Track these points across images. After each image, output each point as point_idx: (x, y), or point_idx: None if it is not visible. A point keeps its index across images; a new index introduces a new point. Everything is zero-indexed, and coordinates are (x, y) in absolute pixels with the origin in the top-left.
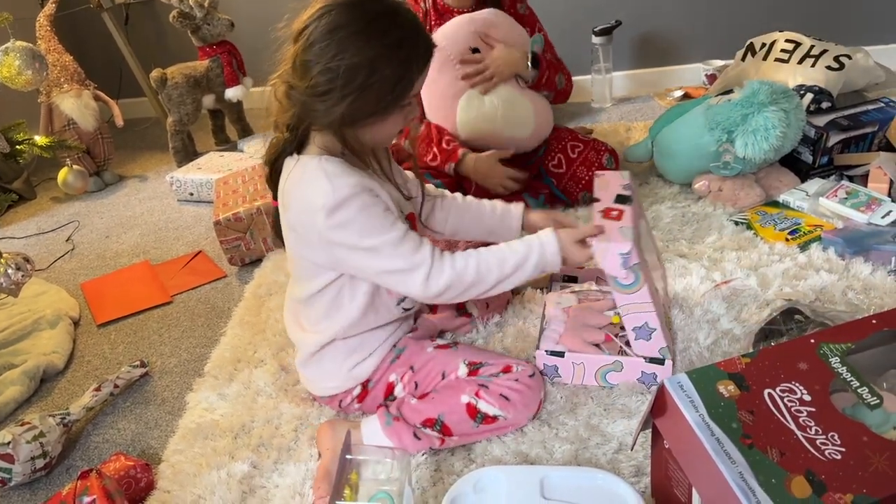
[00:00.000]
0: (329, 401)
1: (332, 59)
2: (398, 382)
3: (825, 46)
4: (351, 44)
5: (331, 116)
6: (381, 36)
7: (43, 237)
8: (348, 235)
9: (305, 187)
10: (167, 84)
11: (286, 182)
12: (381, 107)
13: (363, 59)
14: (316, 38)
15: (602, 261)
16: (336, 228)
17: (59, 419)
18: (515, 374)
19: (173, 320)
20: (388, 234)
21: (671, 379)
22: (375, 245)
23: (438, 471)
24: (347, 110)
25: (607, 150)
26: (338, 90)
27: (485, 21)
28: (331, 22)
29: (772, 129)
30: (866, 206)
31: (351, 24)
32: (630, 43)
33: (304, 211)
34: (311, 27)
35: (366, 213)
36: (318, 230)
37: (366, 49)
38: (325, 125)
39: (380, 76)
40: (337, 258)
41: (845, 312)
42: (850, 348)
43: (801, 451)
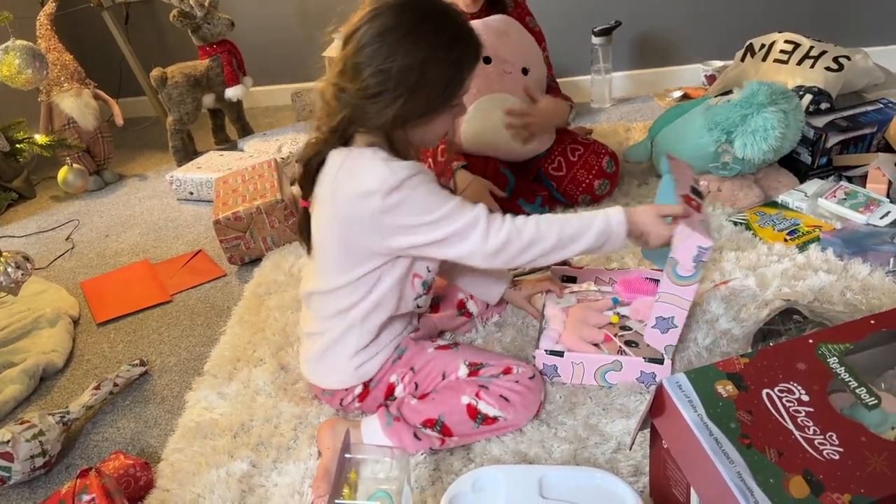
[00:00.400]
0: (330, 398)
1: (384, 62)
2: (399, 383)
3: (824, 47)
4: (402, 46)
5: (382, 118)
6: (432, 37)
7: (43, 236)
8: (406, 214)
9: (360, 174)
10: (167, 83)
11: (337, 172)
12: (431, 107)
13: (414, 61)
14: (367, 40)
15: (678, 245)
16: (392, 209)
17: (59, 418)
18: (516, 375)
19: (173, 319)
20: (448, 203)
21: (670, 379)
22: (436, 217)
23: (437, 470)
24: (399, 112)
25: (608, 152)
26: (389, 92)
27: (497, 29)
28: (381, 24)
29: (771, 130)
30: (865, 206)
31: (401, 26)
32: (630, 43)
33: (356, 197)
34: (362, 30)
35: (424, 189)
36: (371, 213)
37: (416, 51)
38: (375, 127)
39: (431, 77)
40: (389, 240)
41: (843, 313)
42: (849, 349)
43: (800, 451)
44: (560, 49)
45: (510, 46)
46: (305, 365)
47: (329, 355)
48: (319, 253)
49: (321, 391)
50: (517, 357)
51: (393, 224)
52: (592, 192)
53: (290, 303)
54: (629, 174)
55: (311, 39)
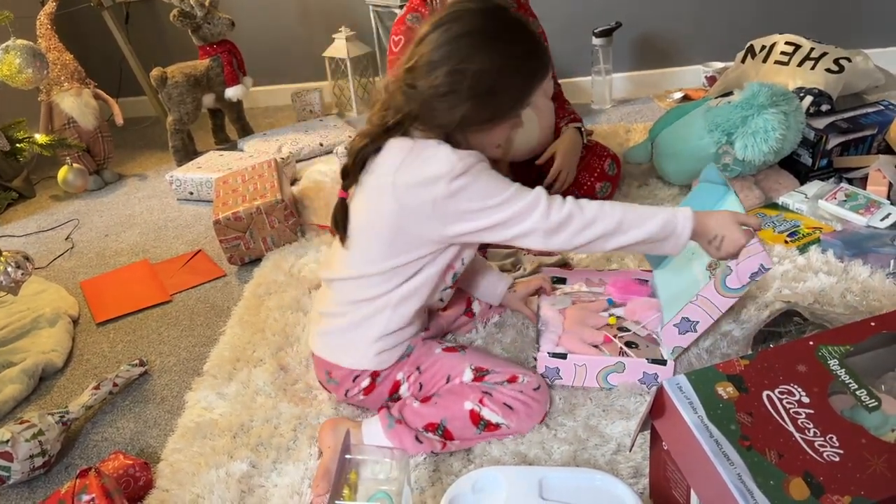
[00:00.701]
0: (336, 387)
1: (460, 63)
2: (404, 381)
3: (825, 49)
4: (480, 50)
5: (448, 118)
6: (511, 47)
7: (42, 235)
8: (470, 199)
9: (427, 160)
10: (167, 83)
11: (403, 159)
12: (496, 115)
13: (491, 67)
14: (445, 40)
15: (742, 257)
16: (456, 193)
17: (58, 417)
18: (521, 385)
19: (172, 319)
20: (510, 187)
21: (670, 380)
22: (499, 200)
23: (437, 471)
24: (467, 114)
25: (609, 155)
26: (461, 93)
27: None
28: (463, 26)
29: (771, 132)
30: (865, 208)
31: (482, 32)
32: (630, 44)
33: (421, 183)
34: (440, 30)
35: (486, 175)
36: (435, 199)
37: (495, 57)
38: (438, 126)
39: (504, 85)
40: (449, 227)
41: (844, 315)
42: (849, 350)
43: (800, 453)
44: (561, 50)
45: None
46: (319, 339)
47: (351, 334)
48: (360, 240)
49: (327, 378)
50: (523, 365)
51: (456, 210)
52: (594, 194)
53: (290, 303)
54: (629, 175)
55: (311, 40)
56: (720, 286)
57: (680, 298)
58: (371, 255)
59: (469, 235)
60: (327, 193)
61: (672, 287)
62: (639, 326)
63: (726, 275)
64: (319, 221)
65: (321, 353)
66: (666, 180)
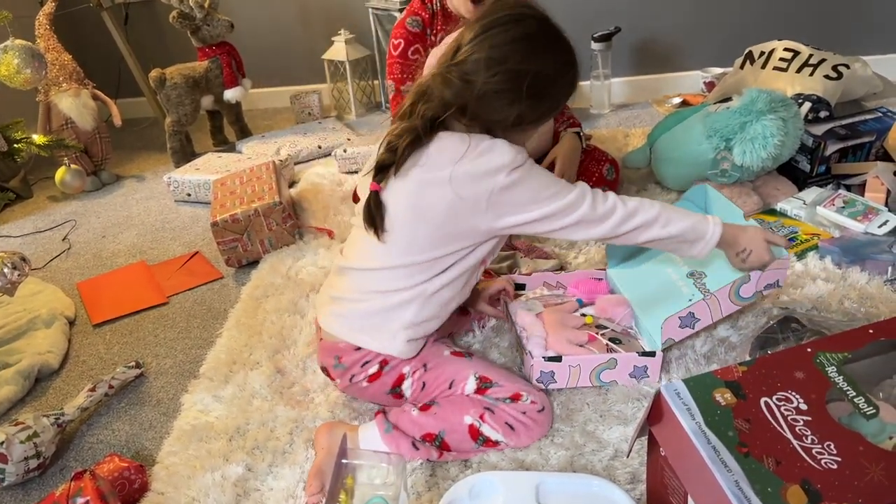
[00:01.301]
0: (343, 372)
1: (521, 63)
2: (409, 376)
3: (823, 55)
4: (540, 53)
5: (506, 114)
6: (562, 54)
7: (39, 236)
8: (524, 191)
9: (489, 152)
10: (166, 84)
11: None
12: (542, 116)
13: (548, 70)
14: (505, 40)
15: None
16: (513, 185)
17: (54, 419)
18: (524, 405)
19: (169, 321)
20: (558, 182)
21: (668, 386)
22: (550, 193)
23: (433, 476)
24: (521, 112)
25: (608, 159)
26: (516, 92)
27: None
28: (524, 29)
29: (770, 138)
30: (863, 215)
31: (542, 36)
32: (629, 49)
33: (482, 174)
34: (498, 29)
35: (537, 170)
36: (492, 191)
37: (551, 62)
38: (491, 121)
39: (554, 89)
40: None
41: (842, 321)
42: (847, 358)
43: (798, 461)
44: None
45: None
46: (336, 320)
47: (378, 318)
48: (403, 232)
49: (334, 363)
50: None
51: (510, 201)
52: None
53: (288, 306)
54: (628, 180)
55: (310, 42)
56: (733, 293)
57: (662, 297)
58: (414, 247)
59: (519, 227)
60: (325, 196)
61: (641, 286)
62: (614, 323)
63: (743, 283)
64: (317, 224)
65: (338, 333)
66: (664, 185)
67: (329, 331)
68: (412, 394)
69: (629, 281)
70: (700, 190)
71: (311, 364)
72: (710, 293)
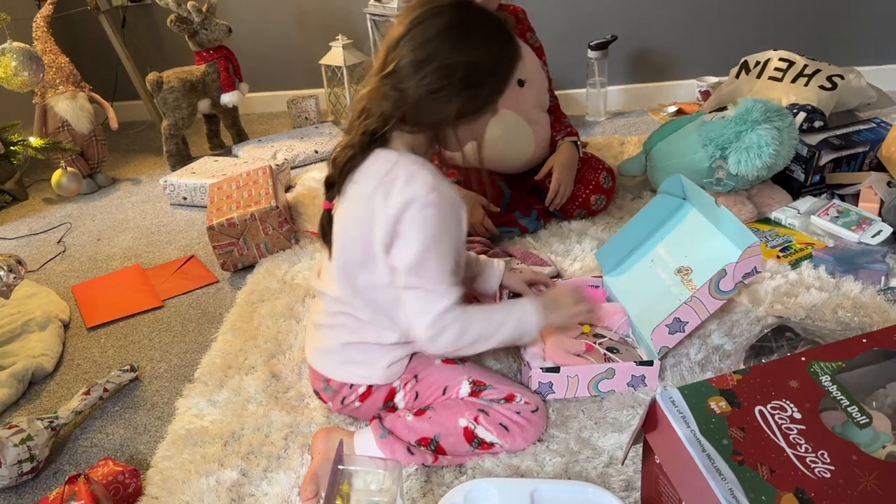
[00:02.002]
0: (333, 395)
1: (450, 57)
2: (400, 389)
3: (818, 66)
4: (467, 41)
5: (445, 113)
6: (494, 35)
7: (34, 238)
8: (421, 232)
9: (408, 176)
10: (163, 87)
11: (387, 171)
12: (487, 103)
13: (480, 57)
14: (430, 36)
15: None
16: (413, 220)
17: (48, 423)
18: (518, 405)
19: (164, 325)
20: (449, 257)
21: (663, 394)
22: (434, 254)
23: (429, 482)
24: (462, 106)
25: (605, 167)
26: (454, 86)
27: None
28: (446, 20)
29: (765, 147)
30: (857, 225)
31: (467, 23)
32: (625, 58)
33: (392, 200)
34: (420, 27)
35: (447, 225)
36: (398, 218)
37: (482, 47)
38: (432, 122)
39: (492, 73)
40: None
41: (835, 330)
42: (841, 367)
43: (791, 469)
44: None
45: None
46: (319, 356)
47: (354, 350)
48: (343, 252)
49: (323, 387)
50: (520, 383)
51: (404, 234)
52: (589, 206)
53: (283, 310)
54: (623, 188)
55: (308, 47)
56: (713, 289)
57: (655, 301)
58: (357, 267)
59: (386, 280)
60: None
61: (636, 291)
62: (611, 332)
63: (721, 277)
64: (314, 229)
65: (321, 370)
66: None
67: (313, 366)
68: (406, 404)
69: (624, 287)
70: (675, 180)
71: (306, 369)
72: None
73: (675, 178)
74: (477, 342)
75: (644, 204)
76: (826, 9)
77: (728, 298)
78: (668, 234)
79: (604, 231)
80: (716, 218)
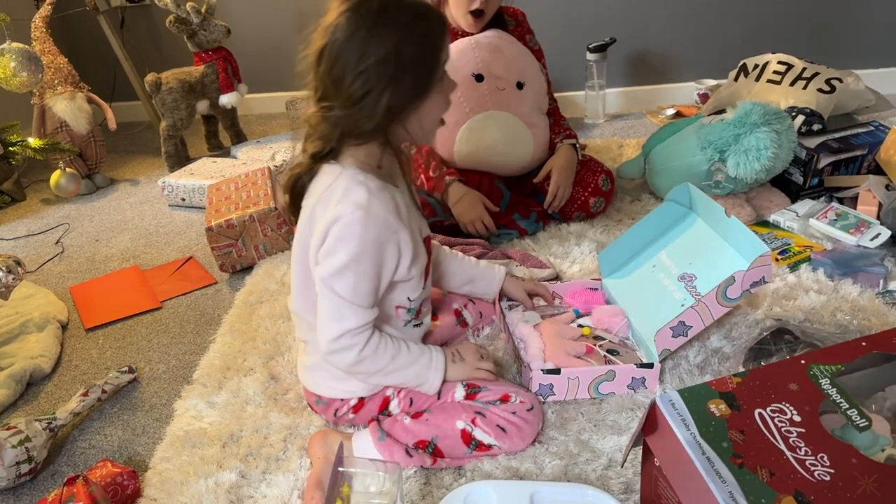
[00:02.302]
0: (325, 408)
1: (360, 62)
2: (394, 397)
3: (817, 69)
4: (372, 39)
5: (376, 118)
6: (396, 19)
7: (32, 239)
8: (346, 248)
9: (344, 191)
10: (162, 88)
11: (328, 185)
12: (419, 89)
13: (387, 49)
14: (337, 51)
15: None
16: (346, 235)
17: (46, 424)
18: (513, 405)
19: (162, 326)
20: (370, 281)
21: (663, 396)
22: (355, 273)
23: (428, 484)
24: (390, 104)
25: (604, 170)
26: (375, 89)
27: (489, 45)
28: (345, 30)
29: (763, 150)
30: (855, 228)
31: (364, 23)
32: (624, 60)
33: (327, 215)
34: (329, 44)
35: (373, 249)
36: (322, 231)
37: (386, 38)
38: (370, 130)
39: (409, 58)
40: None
41: (834, 333)
42: (841, 370)
43: (791, 472)
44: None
45: (503, 62)
46: (306, 373)
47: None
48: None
49: (315, 400)
50: (516, 383)
51: (329, 249)
52: (588, 209)
53: (282, 311)
54: (622, 190)
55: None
56: (720, 296)
57: (657, 306)
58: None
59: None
60: None
61: (635, 295)
62: (611, 334)
63: (729, 285)
64: None
65: (311, 388)
66: (658, 196)
67: (302, 382)
68: (401, 411)
69: (624, 290)
70: (683, 189)
71: None
72: (699, 299)
73: (682, 186)
74: (373, 375)
75: (643, 207)
76: (824, 12)
77: (733, 306)
78: (671, 241)
79: (602, 233)
80: (724, 228)
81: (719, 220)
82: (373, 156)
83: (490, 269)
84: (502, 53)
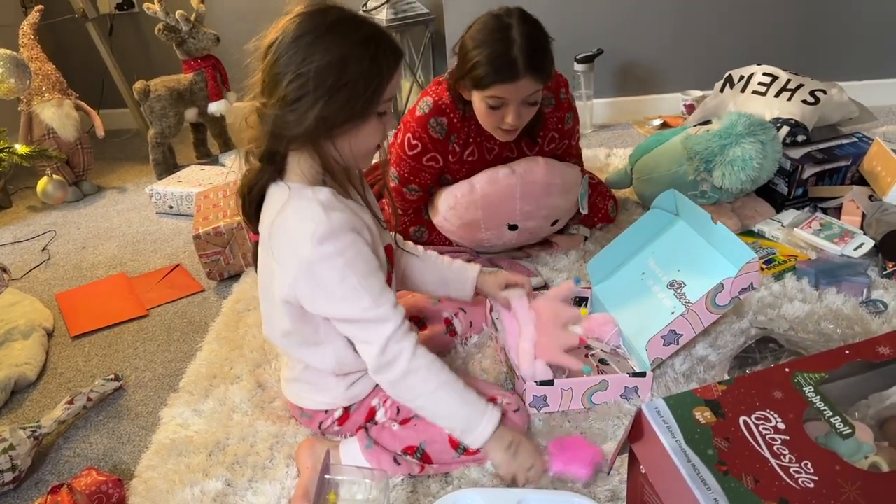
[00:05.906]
0: (309, 420)
1: (302, 65)
2: (380, 407)
3: (801, 81)
4: (319, 45)
5: (304, 124)
6: (348, 34)
7: (18, 246)
8: (332, 269)
9: (297, 214)
10: (150, 96)
11: (279, 210)
12: (354, 110)
13: (333, 59)
14: (283, 49)
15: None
16: (323, 259)
17: (30, 432)
18: (500, 407)
19: (149, 334)
20: (371, 279)
21: (649, 404)
22: (355, 285)
23: (415, 492)
24: (321, 113)
25: (611, 196)
26: (310, 94)
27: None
28: (297, 29)
29: (749, 161)
30: (839, 238)
31: (317, 28)
32: (611, 71)
33: (291, 241)
34: (278, 41)
35: (355, 250)
36: (301, 260)
37: (334, 48)
38: (299, 136)
39: (351, 74)
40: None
41: (818, 342)
42: (824, 378)
43: (775, 479)
44: None
45: (545, 211)
46: (287, 386)
47: (313, 375)
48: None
49: (300, 412)
50: (502, 387)
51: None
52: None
53: None
54: None
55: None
56: (710, 303)
57: (647, 314)
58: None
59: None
60: None
61: (626, 303)
62: (603, 343)
63: (718, 292)
64: None
65: (294, 401)
66: (645, 205)
67: (285, 394)
68: (389, 419)
69: (614, 298)
70: (669, 196)
71: None
72: (689, 307)
73: (668, 193)
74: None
75: (629, 216)
76: (809, 25)
77: (723, 313)
78: (659, 248)
79: (589, 242)
80: (710, 234)
81: (705, 227)
82: (314, 169)
83: (463, 270)
84: (548, 199)
